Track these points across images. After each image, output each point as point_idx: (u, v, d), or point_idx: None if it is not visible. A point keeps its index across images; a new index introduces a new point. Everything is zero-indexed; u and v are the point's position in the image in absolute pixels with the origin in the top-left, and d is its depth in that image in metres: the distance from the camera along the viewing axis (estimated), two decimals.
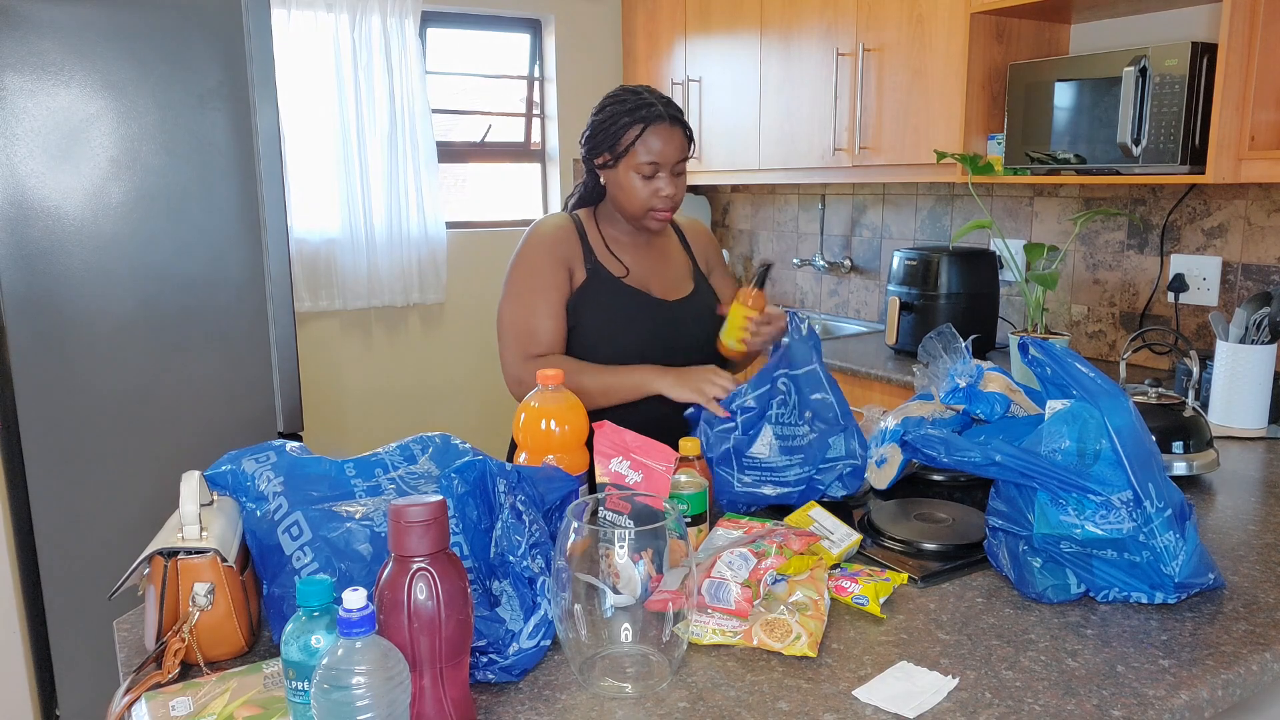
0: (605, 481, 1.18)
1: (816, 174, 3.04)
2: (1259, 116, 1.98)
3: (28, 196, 1.97)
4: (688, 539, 0.94)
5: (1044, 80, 2.27)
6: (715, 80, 3.42)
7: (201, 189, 2.10)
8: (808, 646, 0.97)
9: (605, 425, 1.20)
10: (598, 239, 1.74)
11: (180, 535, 0.98)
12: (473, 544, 1.00)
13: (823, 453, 1.37)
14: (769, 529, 1.16)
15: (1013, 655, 0.98)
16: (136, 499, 2.13)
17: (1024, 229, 2.79)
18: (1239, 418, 1.87)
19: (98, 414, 2.07)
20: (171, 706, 0.86)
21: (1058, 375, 1.14)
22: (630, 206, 1.67)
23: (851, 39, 2.81)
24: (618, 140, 1.62)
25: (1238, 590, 1.13)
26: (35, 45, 1.94)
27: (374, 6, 3.30)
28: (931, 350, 1.50)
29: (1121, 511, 1.05)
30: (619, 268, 1.72)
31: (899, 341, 2.70)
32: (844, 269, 3.43)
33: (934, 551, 1.24)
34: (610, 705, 0.90)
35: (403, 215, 3.47)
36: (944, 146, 2.53)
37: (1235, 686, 0.95)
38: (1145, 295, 2.49)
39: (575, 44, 3.87)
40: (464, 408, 3.87)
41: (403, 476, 1.10)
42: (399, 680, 0.72)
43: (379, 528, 1.00)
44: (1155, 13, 2.39)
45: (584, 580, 0.91)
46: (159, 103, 2.04)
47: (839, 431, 1.38)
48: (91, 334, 2.05)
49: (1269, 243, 2.23)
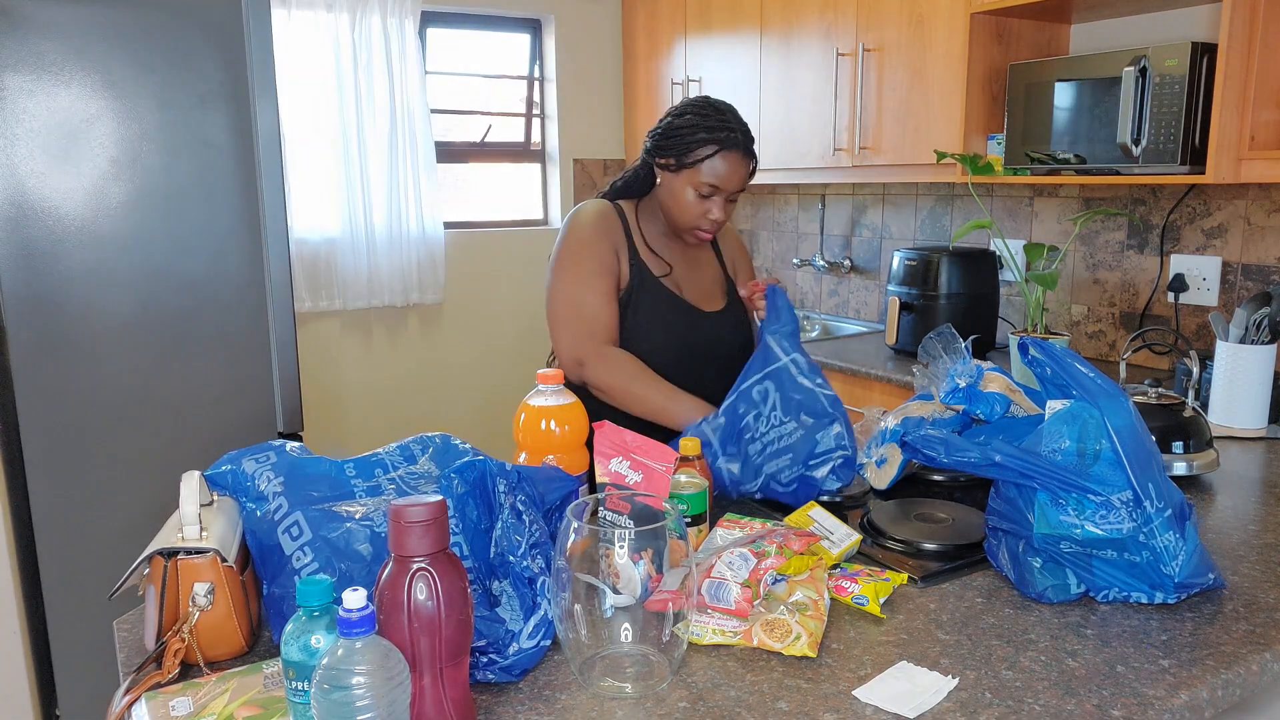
0: (605, 481, 1.18)
1: (816, 174, 3.04)
2: (1259, 116, 1.98)
3: (28, 196, 1.97)
4: (688, 539, 0.94)
5: (1044, 80, 2.27)
6: (715, 80, 3.42)
7: (201, 189, 2.10)
8: (808, 646, 0.97)
9: (605, 425, 1.20)
10: (639, 232, 1.72)
11: (180, 535, 0.98)
12: (473, 544, 1.00)
13: (810, 448, 1.37)
14: (769, 529, 1.16)
15: (1013, 655, 0.98)
16: (136, 499, 2.13)
17: (1024, 229, 2.79)
18: (1239, 418, 1.87)
19: (98, 414, 2.07)
20: (171, 706, 0.86)
21: (1058, 375, 1.14)
22: (677, 216, 1.66)
23: (851, 39, 2.81)
24: (689, 150, 1.61)
25: (1238, 590, 1.13)
26: (35, 45, 1.94)
27: (374, 6, 3.30)
28: (931, 350, 1.50)
29: (1121, 511, 1.05)
30: (660, 265, 1.71)
31: (899, 342, 2.70)
32: (844, 269, 3.43)
33: (934, 551, 1.24)
34: (610, 705, 0.90)
35: (402, 215, 3.47)
36: (944, 146, 2.53)
37: (1235, 686, 0.95)
38: (1145, 295, 2.49)
39: (575, 44, 3.87)
40: (464, 408, 3.87)
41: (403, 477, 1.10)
42: (399, 680, 0.72)
43: (379, 528, 1.00)
44: (1155, 13, 2.39)
45: (584, 580, 0.91)
46: (159, 103, 2.04)
47: (827, 424, 1.37)
48: (91, 334, 2.05)
49: (1269, 243, 2.23)
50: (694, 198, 1.63)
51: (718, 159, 1.60)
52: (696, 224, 1.65)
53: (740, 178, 1.63)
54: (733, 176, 1.62)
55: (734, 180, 1.62)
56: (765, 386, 1.41)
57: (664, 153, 1.65)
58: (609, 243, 1.67)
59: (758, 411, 1.40)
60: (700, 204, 1.63)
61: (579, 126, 3.96)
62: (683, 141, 1.61)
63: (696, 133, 1.60)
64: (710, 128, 1.60)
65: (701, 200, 1.63)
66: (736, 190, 1.64)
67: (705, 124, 1.60)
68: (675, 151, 1.62)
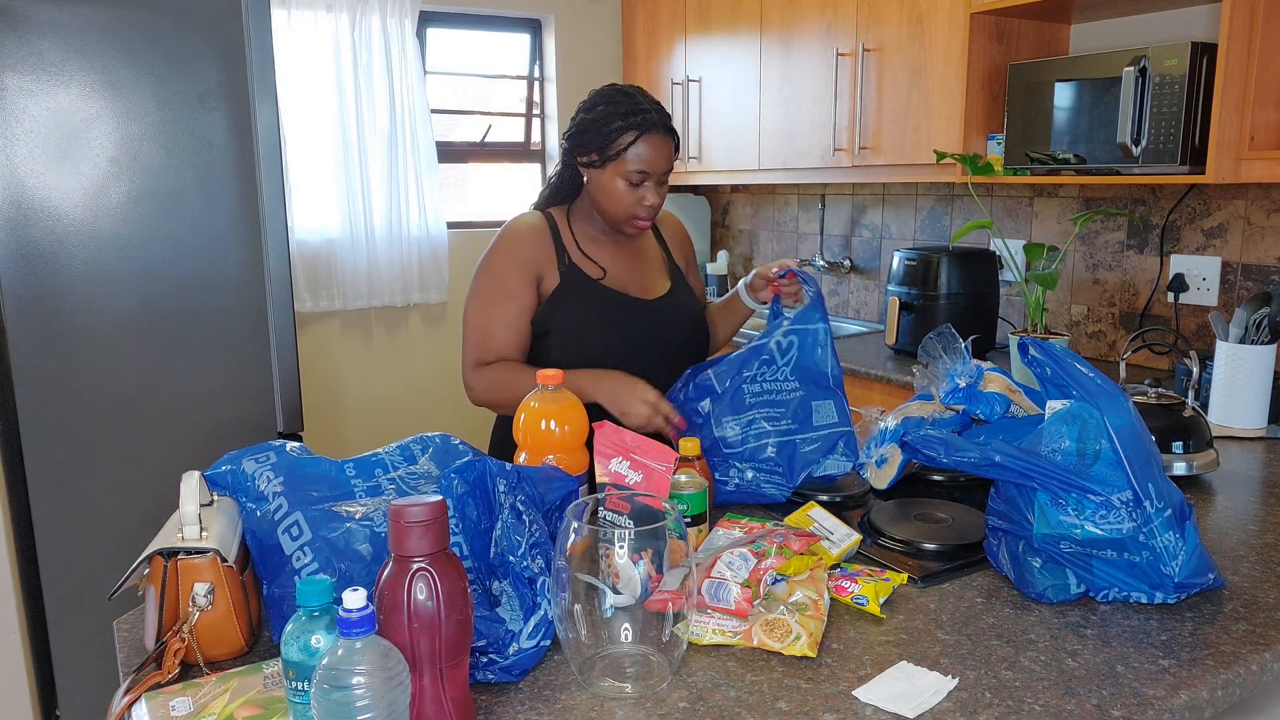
0: (605, 481, 1.18)
1: (816, 174, 3.04)
2: (1259, 116, 1.98)
3: (28, 196, 1.97)
4: (688, 539, 0.94)
5: (1044, 80, 2.27)
6: (715, 80, 3.42)
7: (201, 189, 2.10)
8: (808, 646, 0.97)
9: (605, 425, 1.20)
10: (571, 239, 1.70)
11: (180, 535, 0.98)
12: (472, 544, 1.00)
13: (806, 414, 1.37)
14: (769, 529, 1.16)
15: (1013, 655, 0.98)
16: (136, 499, 2.13)
17: (1024, 229, 2.79)
18: (1239, 418, 1.87)
19: (98, 414, 2.07)
20: (171, 706, 0.86)
21: (1057, 375, 1.14)
22: (612, 211, 1.63)
23: (851, 39, 2.81)
24: (609, 142, 1.58)
25: (1238, 590, 1.13)
26: (35, 45, 1.94)
27: (374, 6, 3.30)
28: (931, 350, 1.50)
29: (1121, 511, 1.05)
30: (595, 269, 1.69)
31: (899, 342, 2.70)
32: (844, 269, 3.43)
33: (934, 551, 1.24)
34: (610, 705, 0.90)
35: (403, 215, 3.47)
36: (944, 146, 2.53)
37: (1235, 686, 0.95)
38: (1145, 295, 2.49)
39: (575, 44, 3.87)
40: (464, 408, 3.86)
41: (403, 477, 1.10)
42: (399, 680, 0.72)
43: (379, 528, 1.00)
44: (1155, 13, 2.39)
45: (584, 580, 0.91)
46: (159, 103, 2.04)
47: (827, 395, 1.38)
48: (91, 334, 2.04)
49: (1269, 243, 2.23)
50: (625, 188, 1.60)
51: (640, 144, 1.57)
52: (633, 214, 1.62)
53: (665, 157, 1.60)
54: (658, 158, 1.58)
55: (660, 161, 1.59)
56: (792, 339, 1.42)
57: (584, 150, 1.61)
58: (525, 268, 1.65)
59: (769, 358, 1.42)
60: (633, 193, 1.60)
61: None
62: (601, 135, 1.58)
63: (613, 122, 1.57)
64: (625, 114, 1.57)
65: (633, 189, 1.60)
66: (665, 171, 1.61)
67: (619, 111, 1.57)
68: (596, 146, 1.59)
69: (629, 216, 1.63)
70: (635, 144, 1.57)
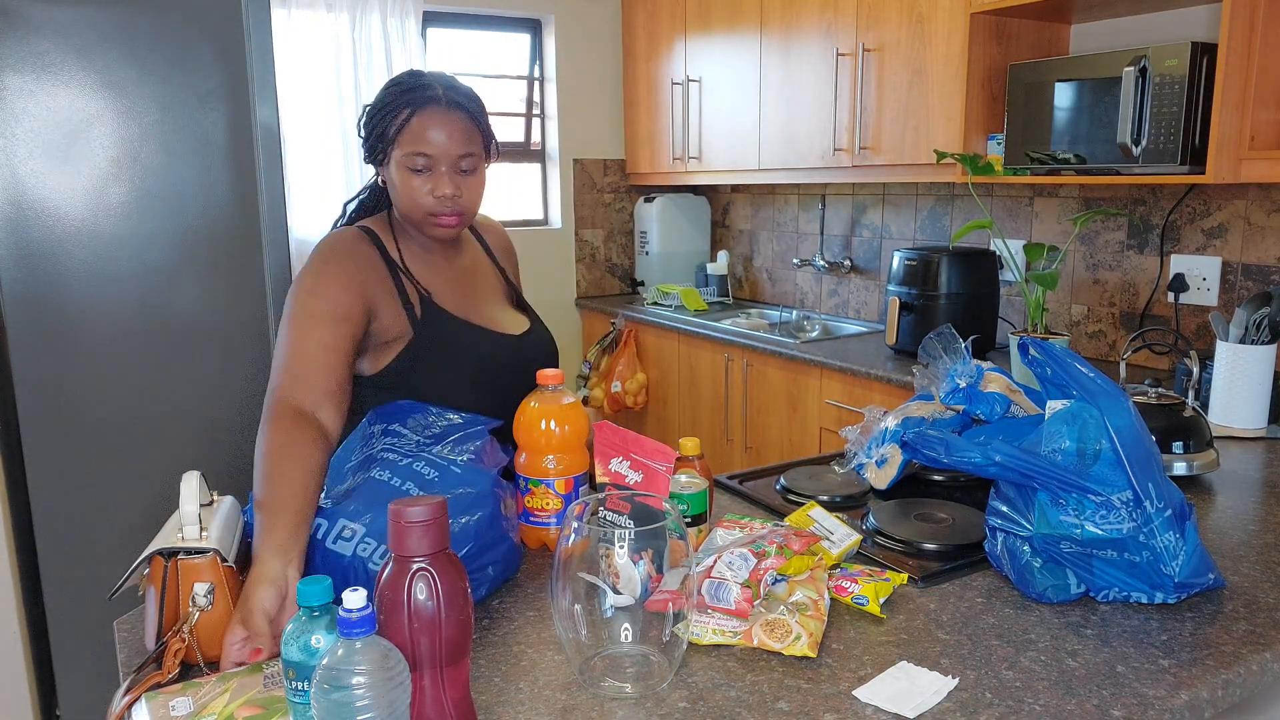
0: (605, 481, 1.18)
1: (816, 174, 3.04)
2: (1259, 116, 1.98)
3: (28, 196, 1.97)
4: (688, 539, 0.94)
5: (1044, 80, 2.27)
6: (715, 80, 3.42)
7: (201, 189, 2.10)
8: (808, 647, 0.97)
9: (605, 425, 1.20)
10: (398, 256, 1.43)
11: (180, 535, 0.98)
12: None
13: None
14: (769, 529, 1.16)
15: (1013, 655, 0.98)
16: (136, 499, 2.13)
17: (1024, 229, 2.79)
18: (1239, 418, 1.87)
19: (98, 414, 2.07)
20: (171, 706, 0.86)
21: (1057, 375, 1.14)
22: (408, 209, 1.38)
23: (851, 39, 2.81)
24: (386, 127, 1.35)
25: (1238, 590, 1.13)
26: (35, 45, 1.94)
27: (374, 6, 3.30)
28: (931, 350, 1.50)
29: (1121, 511, 1.05)
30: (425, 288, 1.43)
31: (899, 342, 2.70)
32: (844, 269, 3.43)
33: (934, 551, 1.24)
34: (610, 705, 0.90)
35: None
36: (944, 146, 2.53)
37: (1235, 686, 0.95)
38: (1145, 295, 2.49)
39: (575, 44, 3.87)
40: None
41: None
42: (399, 680, 0.72)
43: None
44: (1155, 13, 2.39)
45: (584, 580, 0.91)
46: (159, 103, 2.04)
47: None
48: (91, 334, 2.04)
49: (1269, 243, 2.22)
50: (409, 177, 1.35)
51: (414, 121, 1.33)
52: (430, 209, 1.36)
53: (453, 136, 1.34)
54: (440, 136, 1.33)
55: (444, 140, 1.33)
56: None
57: (369, 144, 1.39)
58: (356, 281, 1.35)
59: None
60: (421, 182, 1.35)
61: (579, 126, 3.96)
62: (379, 122, 1.36)
63: (388, 104, 1.35)
64: (401, 91, 1.35)
65: (418, 177, 1.35)
66: (457, 153, 1.35)
67: (399, 90, 1.35)
68: (377, 136, 1.37)
69: (424, 213, 1.37)
70: (409, 122, 1.33)
